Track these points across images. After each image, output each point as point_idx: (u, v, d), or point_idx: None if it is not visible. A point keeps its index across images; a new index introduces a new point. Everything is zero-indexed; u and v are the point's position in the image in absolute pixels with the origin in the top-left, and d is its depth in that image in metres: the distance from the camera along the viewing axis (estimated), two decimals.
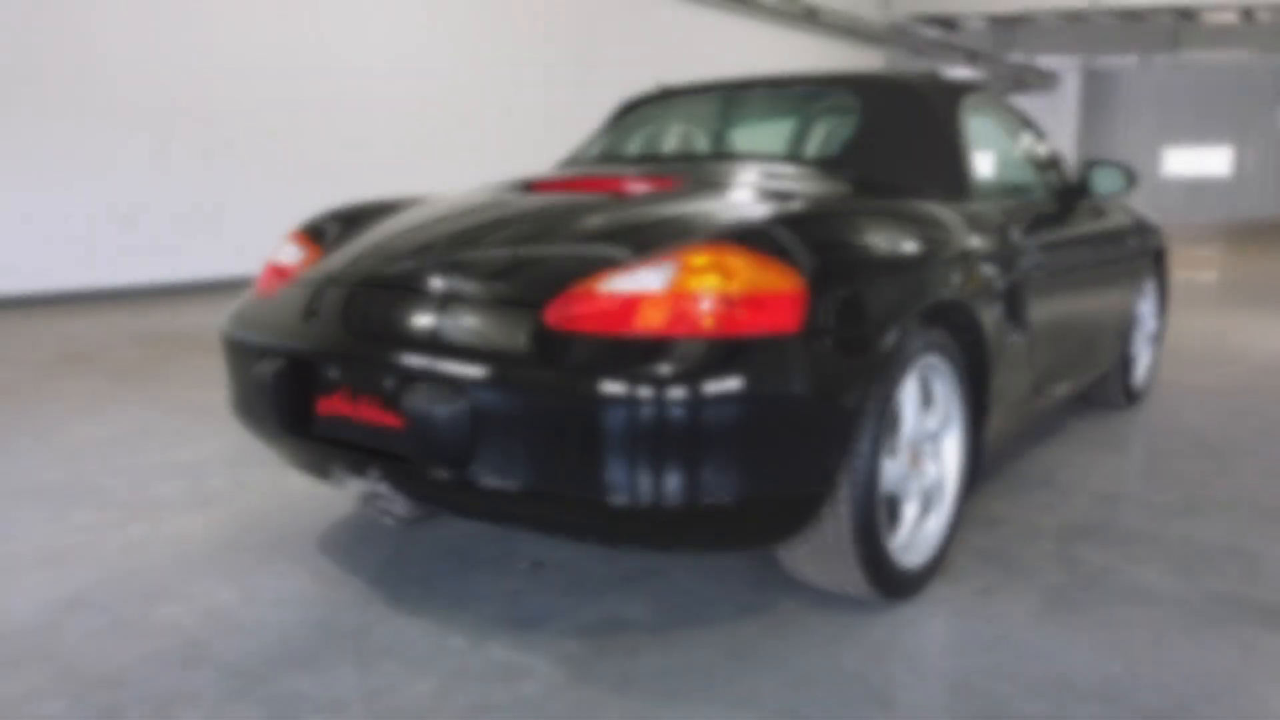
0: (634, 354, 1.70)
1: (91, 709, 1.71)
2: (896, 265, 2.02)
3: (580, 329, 1.76)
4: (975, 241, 2.37)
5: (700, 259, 1.78)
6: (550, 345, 1.75)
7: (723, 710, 1.72)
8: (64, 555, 2.40)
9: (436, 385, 1.79)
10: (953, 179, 2.61)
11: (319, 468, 2.13)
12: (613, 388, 1.68)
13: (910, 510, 2.15)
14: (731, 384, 1.70)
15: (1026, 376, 2.68)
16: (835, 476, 1.86)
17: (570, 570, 2.31)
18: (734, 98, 3.04)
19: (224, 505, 2.76)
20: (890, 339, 1.92)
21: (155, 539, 2.50)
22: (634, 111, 3.20)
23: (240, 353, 2.21)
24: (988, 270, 2.35)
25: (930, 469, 2.21)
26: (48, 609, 2.10)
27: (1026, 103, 27.41)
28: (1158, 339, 4.15)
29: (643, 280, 1.78)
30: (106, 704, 1.72)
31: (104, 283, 7.63)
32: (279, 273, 2.36)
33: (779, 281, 1.78)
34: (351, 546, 2.45)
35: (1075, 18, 20.17)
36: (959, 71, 22.62)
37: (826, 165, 2.59)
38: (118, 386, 4.34)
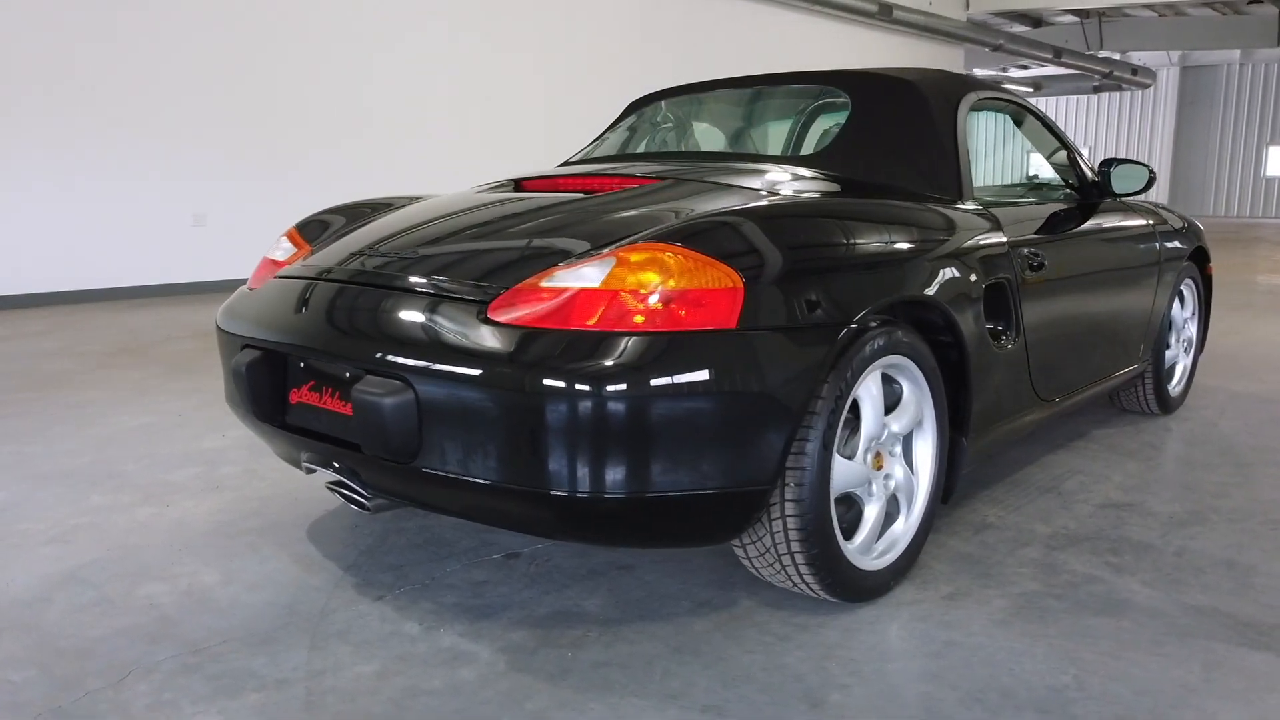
0: (569, 348, 1.73)
1: (55, 677, 1.81)
2: (849, 265, 2.00)
3: (520, 323, 1.79)
4: (959, 241, 2.33)
5: (637, 256, 1.80)
6: (491, 339, 1.79)
7: (651, 703, 1.73)
8: (71, 534, 2.53)
9: (385, 377, 1.85)
10: (946, 177, 2.56)
11: (292, 456, 2.22)
12: (547, 381, 1.70)
13: (872, 512, 2.12)
14: (664, 379, 1.71)
15: (1024, 381, 2.62)
16: (778, 474, 1.86)
17: (541, 562, 2.35)
18: (734, 96, 3.04)
19: (231, 492, 2.88)
20: (842, 339, 1.91)
21: (159, 522, 2.63)
22: (639, 110, 3.23)
23: (226, 343, 2.31)
24: (970, 271, 2.31)
25: (897, 471, 2.18)
26: (43, 584, 2.23)
27: (1119, 101, 26.50)
28: (1199, 345, 3.99)
29: (582, 276, 1.81)
30: (69, 674, 1.82)
31: (175, 279, 7.98)
32: (270, 268, 2.45)
33: (716, 279, 1.78)
34: (339, 534, 2.53)
35: (1171, 11, 19.41)
36: (1045, 70, 21.99)
37: (812, 163, 2.57)
38: (165, 377, 4.54)
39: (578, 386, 1.70)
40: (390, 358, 1.86)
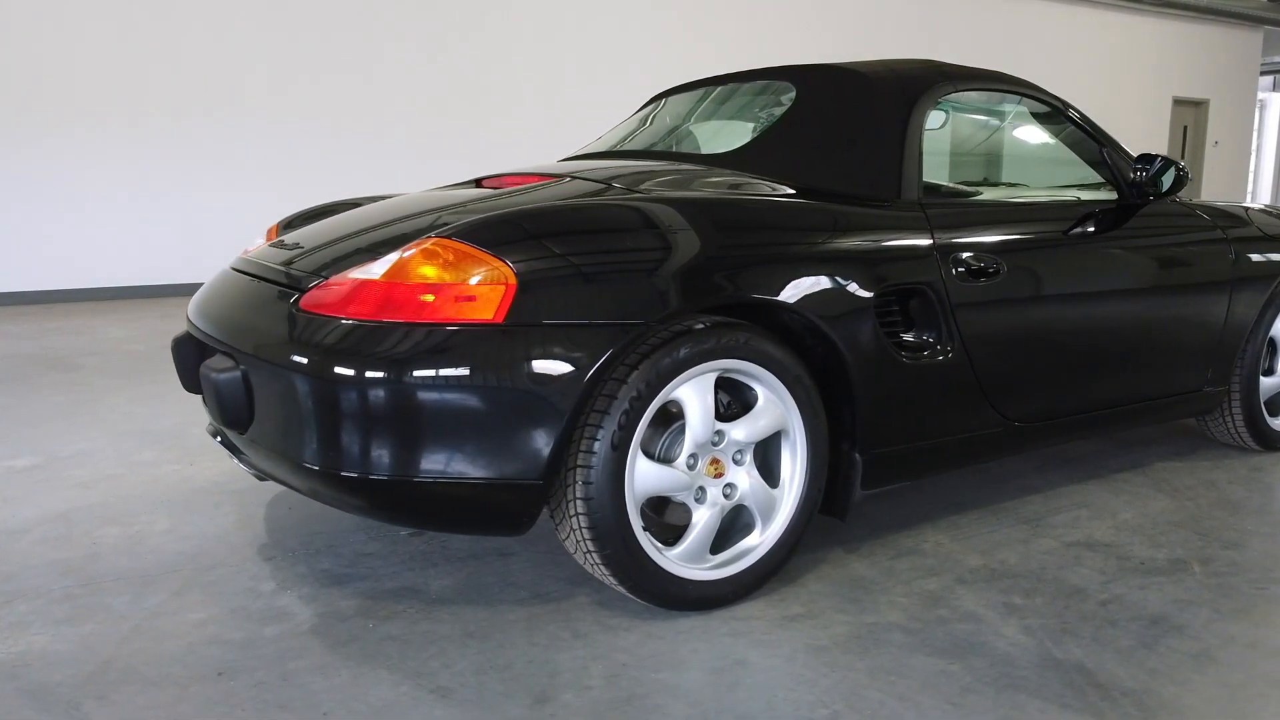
0: (345, 336, 1.84)
1: None
2: (657, 265, 1.93)
3: (315, 311, 1.93)
4: (844, 243, 2.18)
5: (416, 251, 1.88)
6: (289, 325, 1.94)
7: (394, 678, 1.81)
8: (98, 482, 2.97)
9: (223, 354, 2.06)
10: (880, 175, 2.40)
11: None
12: (328, 366, 1.83)
13: (700, 518, 2.05)
14: (426, 369, 1.79)
15: (974, 398, 2.40)
16: (551, 470, 1.86)
17: (437, 542, 2.47)
18: (709, 93, 2.98)
19: None
20: (636, 339, 1.88)
21: (170, 478, 3.02)
22: (645, 108, 3.25)
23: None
24: (853, 274, 2.15)
25: (741, 481, 2.09)
26: (38, 518, 2.65)
27: None
28: None
29: (372, 269, 1.91)
30: None
31: None
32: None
33: (487, 275, 1.83)
34: (297, 502, 2.78)
35: None
36: None
37: (724, 161, 2.50)
38: None
39: (348, 373, 1.81)
40: (231, 339, 2.07)
